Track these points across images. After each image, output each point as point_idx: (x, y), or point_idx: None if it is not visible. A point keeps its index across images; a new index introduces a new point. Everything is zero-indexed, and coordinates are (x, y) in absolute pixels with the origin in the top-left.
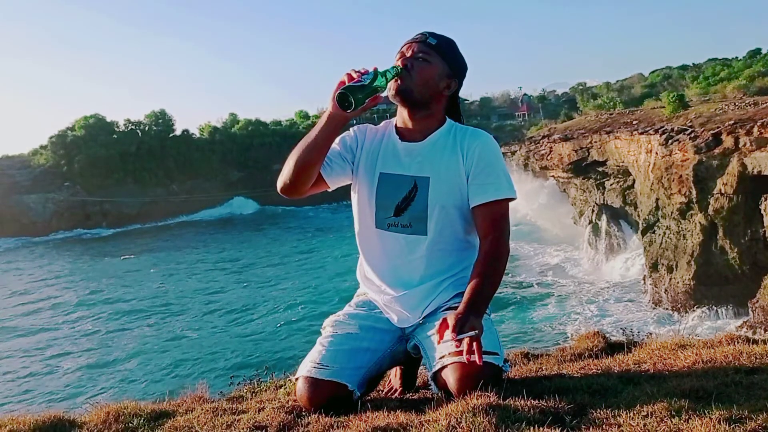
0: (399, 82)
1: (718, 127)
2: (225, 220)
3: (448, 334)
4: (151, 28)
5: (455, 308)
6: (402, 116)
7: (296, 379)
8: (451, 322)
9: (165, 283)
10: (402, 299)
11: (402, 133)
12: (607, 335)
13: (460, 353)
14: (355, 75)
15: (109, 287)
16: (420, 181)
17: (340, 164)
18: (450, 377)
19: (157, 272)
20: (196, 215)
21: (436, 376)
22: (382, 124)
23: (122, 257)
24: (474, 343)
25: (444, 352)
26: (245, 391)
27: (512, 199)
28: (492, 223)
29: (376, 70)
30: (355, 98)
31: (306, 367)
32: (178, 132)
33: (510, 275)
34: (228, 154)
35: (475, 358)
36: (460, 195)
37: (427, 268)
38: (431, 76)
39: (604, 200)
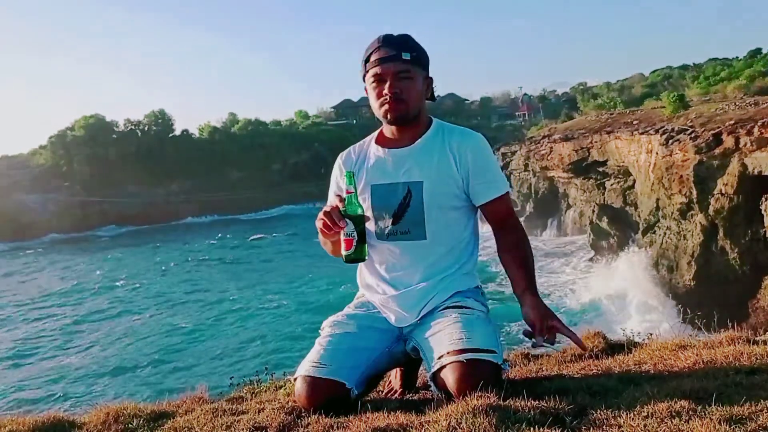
0: (395, 110)
1: (718, 127)
2: (228, 220)
3: (455, 333)
4: (151, 27)
5: (453, 307)
6: (389, 129)
7: (294, 379)
8: (537, 321)
9: (165, 283)
10: (399, 298)
11: (387, 143)
12: (607, 336)
13: (458, 352)
14: (343, 241)
15: (108, 288)
16: (413, 186)
17: None
18: (449, 377)
19: (156, 272)
20: (198, 216)
21: (435, 376)
22: (367, 138)
23: (111, 256)
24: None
25: (442, 352)
26: (245, 391)
27: (509, 192)
28: (505, 214)
29: (344, 209)
30: (363, 250)
31: (304, 367)
32: (177, 132)
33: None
34: (228, 154)
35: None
36: (454, 195)
37: (425, 270)
38: (417, 90)
39: (604, 200)
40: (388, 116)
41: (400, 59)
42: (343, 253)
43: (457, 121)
